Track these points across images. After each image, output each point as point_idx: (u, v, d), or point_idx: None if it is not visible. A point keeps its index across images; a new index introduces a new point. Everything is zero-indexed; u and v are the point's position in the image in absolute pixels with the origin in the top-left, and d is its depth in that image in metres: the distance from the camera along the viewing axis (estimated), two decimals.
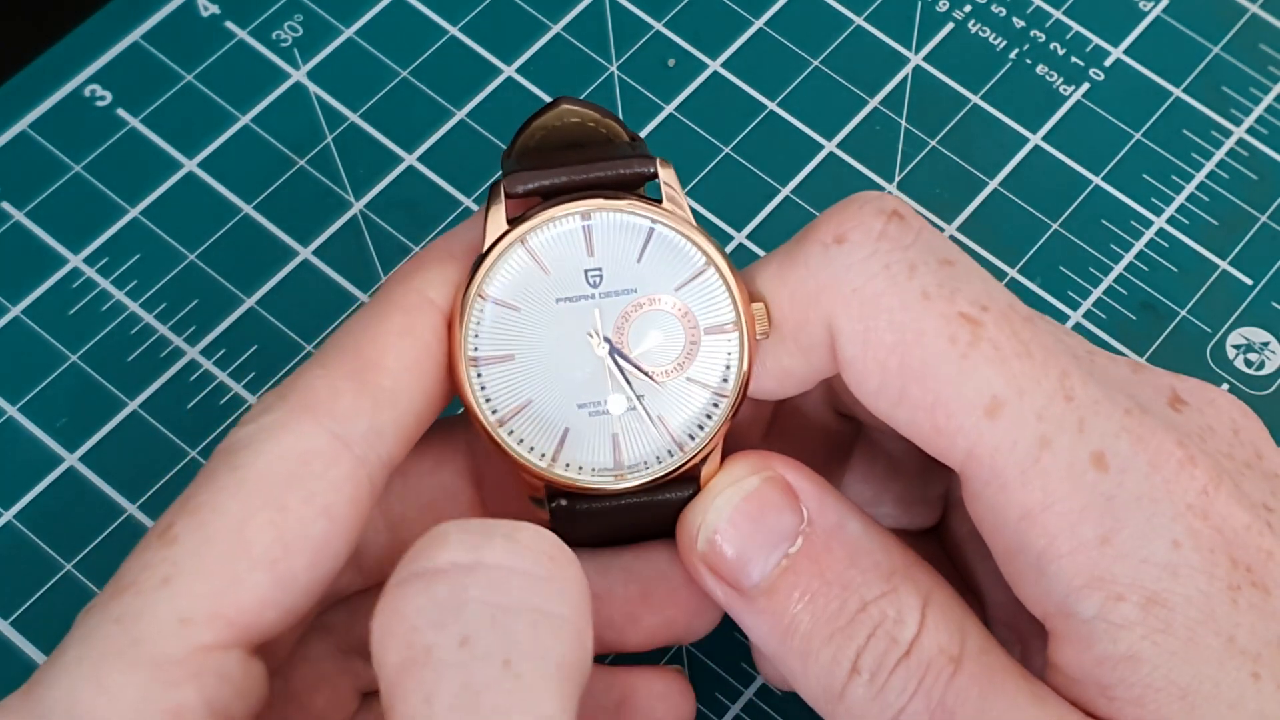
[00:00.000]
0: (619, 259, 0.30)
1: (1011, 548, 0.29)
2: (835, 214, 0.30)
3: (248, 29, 0.44)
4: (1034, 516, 0.28)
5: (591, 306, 0.30)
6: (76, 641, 0.27)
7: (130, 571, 0.27)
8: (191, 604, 0.27)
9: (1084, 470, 0.28)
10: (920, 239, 0.29)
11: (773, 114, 0.44)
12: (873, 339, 0.29)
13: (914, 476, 0.34)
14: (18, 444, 0.39)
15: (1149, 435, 0.29)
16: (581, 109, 0.31)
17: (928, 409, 0.29)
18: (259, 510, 0.27)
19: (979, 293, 0.29)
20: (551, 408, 0.30)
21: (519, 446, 0.30)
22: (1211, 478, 0.28)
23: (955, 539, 0.34)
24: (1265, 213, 0.43)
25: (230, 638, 0.27)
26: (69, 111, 0.43)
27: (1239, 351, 0.41)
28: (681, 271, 0.30)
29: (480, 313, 0.30)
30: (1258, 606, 0.28)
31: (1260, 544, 0.29)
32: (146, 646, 0.26)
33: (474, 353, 0.30)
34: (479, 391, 0.30)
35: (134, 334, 0.40)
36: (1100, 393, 0.29)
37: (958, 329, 0.28)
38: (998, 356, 0.28)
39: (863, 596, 0.29)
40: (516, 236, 0.30)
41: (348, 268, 0.41)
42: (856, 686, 0.29)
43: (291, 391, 0.29)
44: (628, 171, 0.30)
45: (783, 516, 0.30)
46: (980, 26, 0.45)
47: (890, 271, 0.29)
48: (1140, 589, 0.28)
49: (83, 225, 0.42)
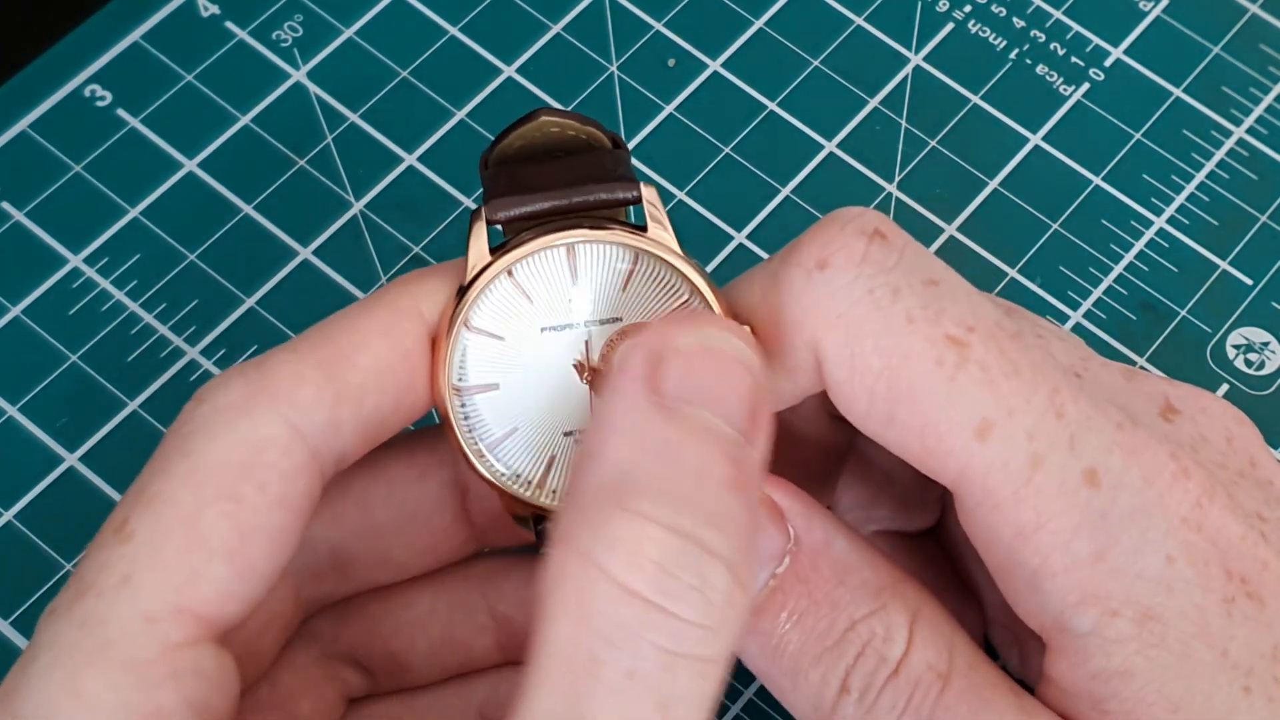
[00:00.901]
0: (604, 287, 0.30)
1: (1006, 565, 0.29)
2: (817, 236, 0.29)
3: (248, 29, 0.44)
4: (1028, 535, 0.28)
5: (576, 335, 0.30)
6: (45, 648, 0.27)
7: (89, 571, 0.27)
8: (154, 601, 0.27)
9: (1076, 487, 0.28)
10: (904, 259, 0.29)
11: (773, 114, 0.44)
12: (859, 364, 0.29)
13: (911, 478, 0.34)
14: (18, 444, 0.39)
15: (1141, 449, 0.28)
16: (560, 119, 0.31)
17: (917, 431, 0.28)
18: (213, 500, 0.27)
19: (964, 312, 0.29)
20: (537, 436, 0.30)
21: (504, 475, 0.30)
22: (1205, 490, 0.28)
23: (953, 540, 0.34)
24: (1265, 213, 0.43)
25: (197, 632, 0.27)
26: (69, 111, 0.43)
27: (1239, 351, 0.41)
28: (666, 301, 0.30)
29: (465, 342, 0.30)
30: (1252, 618, 0.28)
31: (1255, 554, 0.29)
32: (118, 649, 0.26)
33: (458, 382, 0.30)
34: (463, 421, 0.30)
35: (134, 334, 0.40)
36: (1092, 408, 0.29)
37: (944, 351, 0.28)
38: (985, 378, 0.28)
39: (851, 615, 0.29)
40: (502, 268, 0.30)
41: (348, 268, 0.41)
42: (846, 705, 0.29)
43: (255, 372, 0.28)
44: (610, 197, 0.30)
45: (769, 536, 0.29)
46: (980, 26, 0.45)
47: (874, 296, 0.28)
48: (1135, 604, 0.28)
49: (83, 225, 0.42)
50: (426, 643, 0.33)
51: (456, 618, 0.33)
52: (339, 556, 0.31)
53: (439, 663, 0.33)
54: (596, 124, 0.31)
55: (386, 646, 0.33)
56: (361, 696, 0.33)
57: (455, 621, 0.33)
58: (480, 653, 0.34)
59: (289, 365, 0.28)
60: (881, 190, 0.43)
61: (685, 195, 0.42)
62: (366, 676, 0.33)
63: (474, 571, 0.34)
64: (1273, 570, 0.29)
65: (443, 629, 0.33)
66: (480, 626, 0.33)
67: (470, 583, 0.33)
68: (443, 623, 0.33)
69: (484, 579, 0.33)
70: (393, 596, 0.33)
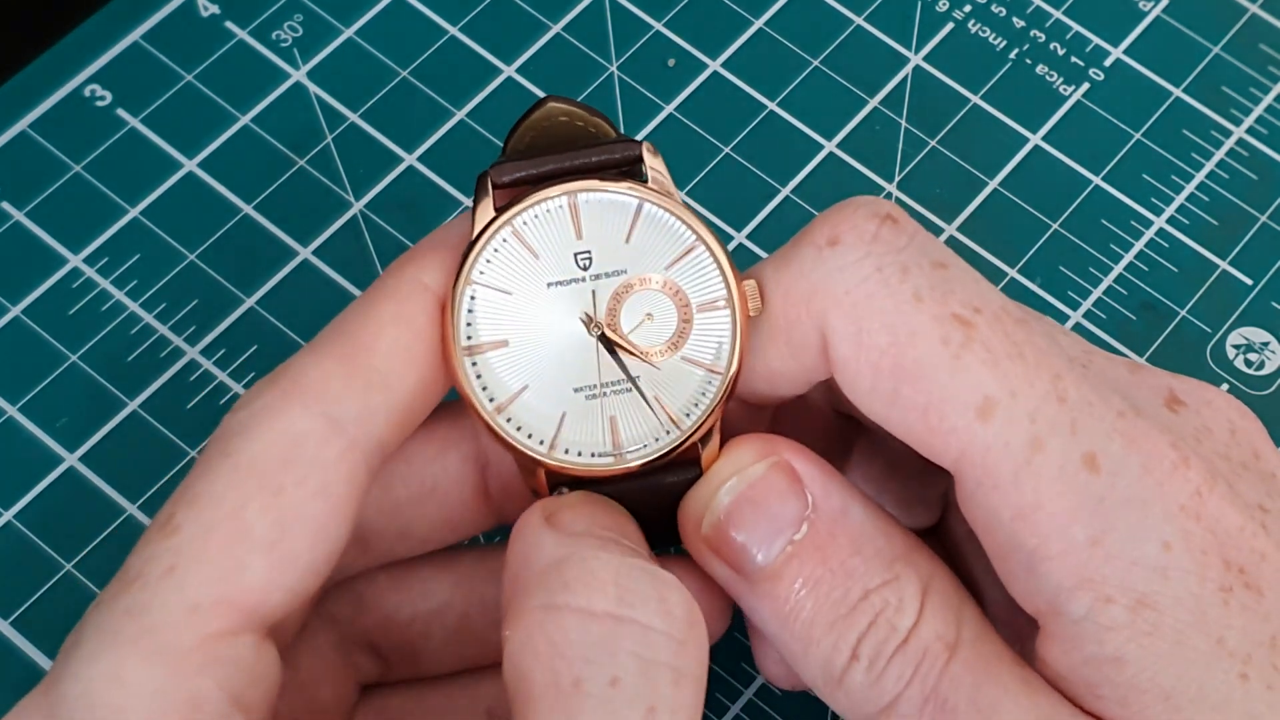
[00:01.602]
0: (608, 240, 0.30)
1: (1004, 547, 0.29)
2: (830, 217, 0.30)
3: (248, 29, 0.44)
4: (1026, 517, 0.28)
5: (582, 289, 0.30)
6: (89, 636, 0.27)
7: (135, 564, 0.28)
8: (198, 591, 0.27)
9: (1076, 471, 0.28)
10: (914, 242, 0.30)
11: (773, 114, 0.44)
12: (865, 340, 0.29)
13: (913, 477, 0.34)
14: (18, 444, 0.39)
15: (1142, 437, 0.29)
16: (569, 106, 0.31)
17: (920, 410, 0.29)
18: (255, 494, 0.28)
19: (972, 294, 0.29)
20: (548, 393, 0.30)
21: (517, 434, 0.30)
22: (1205, 479, 0.29)
23: (954, 539, 0.34)
24: (1265, 213, 0.43)
25: (239, 623, 0.27)
26: (69, 111, 0.43)
27: (1239, 351, 0.41)
28: (671, 250, 0.30)
29: (472, 300, 0.30)
30: (1250, 608, 0.28)
31: (1254, 545, 0.29)
32: (160, 636, 0.27)
33: (468, 341, 0.30)
34: (475, 380, 0.30)
35: (134, 334, 0.40)
36: (1094, 395, 0.29)
37: (950, 330, 0.29)
38: (990, 358, 0.28)
39: (865, 585, 0.29)
40: (504, 221, 0.30)
41: (348, 268, 0.41)
42: (855, 673, 0.29)
43: (283, 377, 0.29)
44: (613, 156, 0.30)
45: (787, 503, 0.30)
46: (980, 26, 0.45)
47: (883, 274, 0.29)
48: (1130, 591, 0.28)
49: (83, 225, 0.42)
50: (443, 633, 0.34)
51: (473, 609, 0.34)
52: (359, 531, 0.32)
53: (453, 653, 0.34)
54: (604, 117, 0.31)
55: (404, 634, 0.33)
56: (374, 683, 0.34)
57: (471, 613, 0.34)
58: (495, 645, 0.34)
59: (314, 363, 0.29)
60: (881, 190, 0.43)
61: (685, 195, 0.42)
62: (380, 663, 0.34)
63: (492, 564, 0.34)
64: (1271, 561, 0.29)
65: (459, 620, 0.34)
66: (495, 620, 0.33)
67: (488, 575, 0.34)
68: (459, 614, 0.34)
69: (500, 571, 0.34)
70: (412, 586, 0.34)
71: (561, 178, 0.30)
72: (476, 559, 0.34)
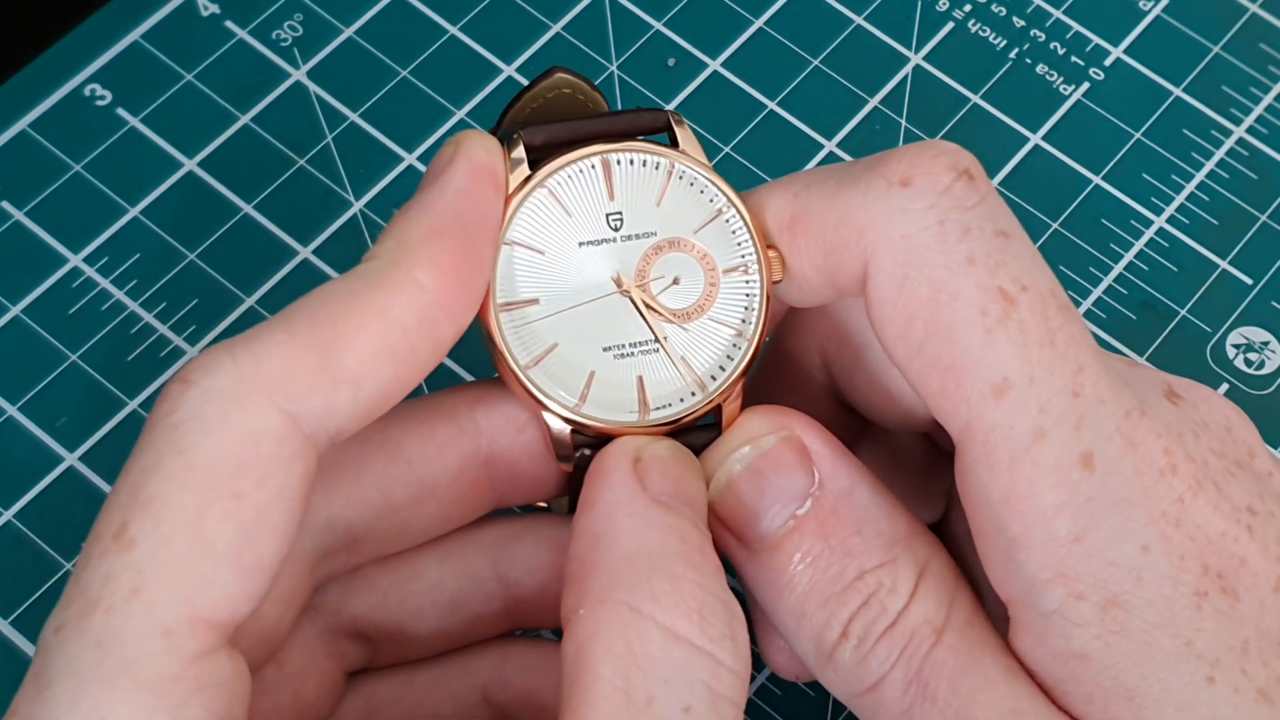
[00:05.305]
0: (639, 202, 0.31)
1: (988, 528, 0.29)
2: (909, 154, 0.30)
3: (248, 29, 0.44)
4: (1014, 503, 0.28)
5: (613, 250, 0.31)
6: (60, 673, 0.26)
7: (94, 583, 0.26)
8: (168, 613, 0.26)
9: (1071, 467, 0.28)
10: (984, 203, 0.29)
11: (773, 114, 0.44)
12: (908, 288, 0.29)
13: (917, 473, 0.34)
14: (18, 444, 0.39)
15: (1140, 440, 0.29)
16: (575, 79, 0.32)
17: (940, 370, 0.29)
18: (214, 500, 0.26)
19: (1023, 270, 0.29)
20: (577, 351, 0.31)
21: (548, 389, 0.30)
22: (1190, 485, 0.29)
23: (957, 536, 0.35)
24: (1265, 212, 0.43)
25: (213, 641, 0.26)
26: (69, 111, 0.43)
27: (1239, 351, 0.41)
28: (700, 213, 0.31)
29: (507, 254, 0.30)
30: (1224, 612, 0.29)
31: (1235, 550, 0.29)
32: (140, 668, 0.25)
33: (501, 298, 0.30)
34: (508, 336, 0.30)
35: (134, 334, 0.40)
36: (1109, 392, 0.29)
37: (991, 302, 0.29)
38: (1021, 339, 0.28)
39: (861, 565, 0.30)
40: (538, 180, 0.30)
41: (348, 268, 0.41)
42: (844, 651, 0.30)
43: (245, 353, 0.27)
44: (642, 120, 0.31)
45: (794, 477, 0.30)
46: (980, 26, 0.45)
47: (944, 228, 0.29)
48: (1102, 589, 0.28)
49: (83, 225, 0.42)
50: (434, 612, 0.33)
51: (465, 585, 0.33)
52: (354, 533, 0.31)
53: (445, 632, 0.33)
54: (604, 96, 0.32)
55: (393, 617, 0.33)
56: (360, 670, 0.33)
57: (463, 589, 0.33)
58: (488, 620, 0.34)
59: (282, 348, 0.27)
60: None
61: None
62: (367, 648, 0.33)
63: (483, 538, 0.33)
64: (1251, 566, 0.29)
65: (451, 597, 0.33)
66: (489, 594, 0.33)
67: (479, 549, 0.33)
68: (451, 591, 0.33)
69: (493, 545, 0.33)
70: (400, 567, 0.33)
71: (593, 140, 0.31)
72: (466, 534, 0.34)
